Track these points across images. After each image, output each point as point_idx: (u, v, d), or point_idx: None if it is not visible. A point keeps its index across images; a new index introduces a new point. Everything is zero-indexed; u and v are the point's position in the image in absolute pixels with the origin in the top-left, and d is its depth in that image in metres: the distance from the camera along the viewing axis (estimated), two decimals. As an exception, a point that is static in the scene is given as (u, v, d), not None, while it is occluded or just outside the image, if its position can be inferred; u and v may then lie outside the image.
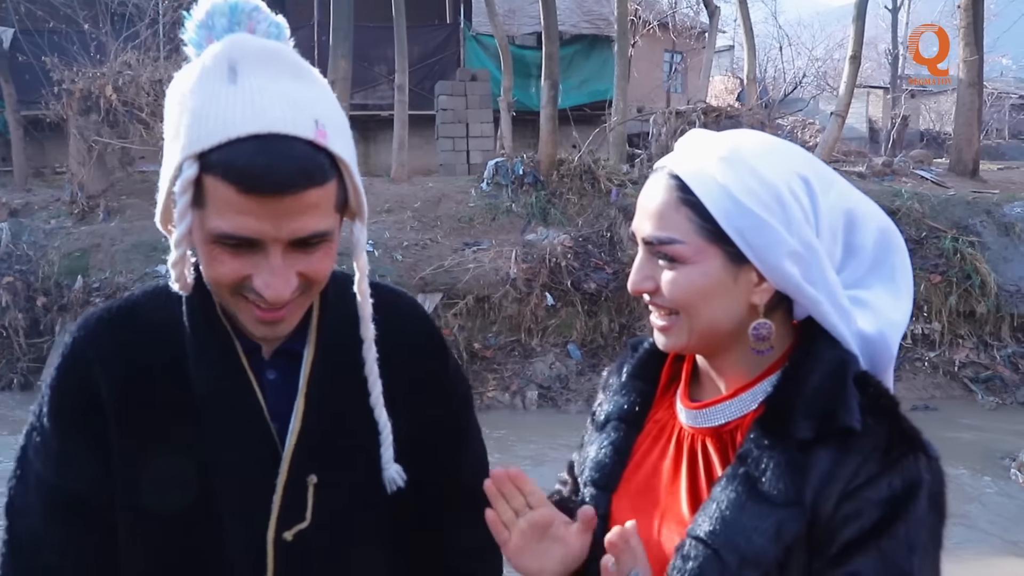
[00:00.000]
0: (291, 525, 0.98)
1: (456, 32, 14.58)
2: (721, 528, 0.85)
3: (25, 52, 10.97)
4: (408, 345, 1.10)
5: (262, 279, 0.86)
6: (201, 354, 0.97)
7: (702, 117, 8.85)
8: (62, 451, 0.98)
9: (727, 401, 0.94)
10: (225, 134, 0.81)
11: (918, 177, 10.18)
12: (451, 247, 8.47)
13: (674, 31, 17.45)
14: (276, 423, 0.99)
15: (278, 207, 0.82)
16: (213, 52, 0.86)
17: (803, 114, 18.92)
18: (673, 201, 0.89)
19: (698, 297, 0.90)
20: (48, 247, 8.47)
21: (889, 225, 0.96)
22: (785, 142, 0.95)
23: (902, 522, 0.82)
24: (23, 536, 1.00)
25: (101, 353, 0.98)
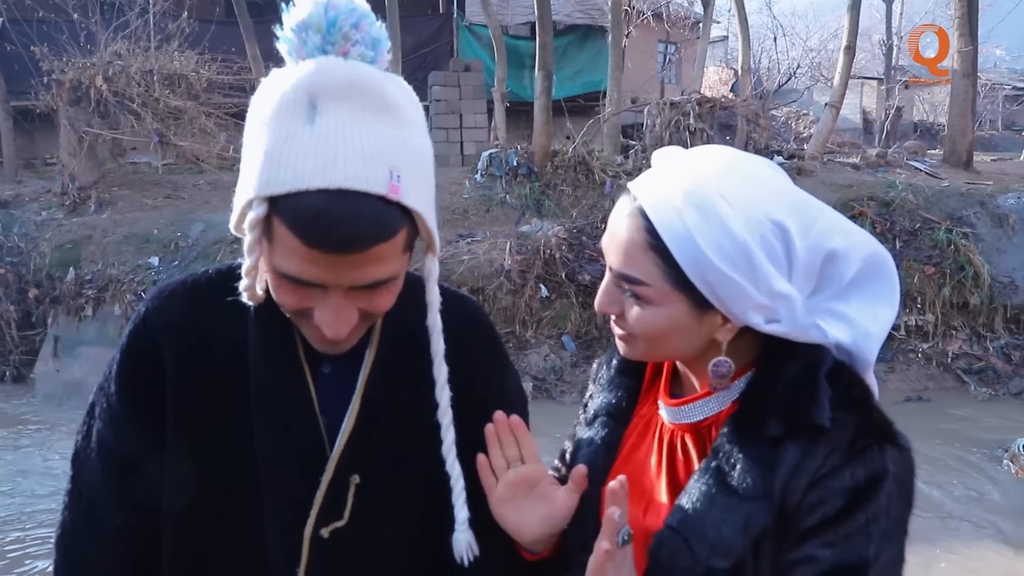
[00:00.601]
0: (329, 522, 0.98)
1: (449, 22, 14.50)
2: (691, 518, 0.89)
3: (14, 42, 10.85)
4: (473, 355, 1.07)
5: (322, 316, 0.86)
6: (261, 341, 0.98)
7: (696, 108, 8.82)
8: (123, 417, 1.02)
9: (704, 399, 0.96)
10: (295, 184, 0.79)
11: (912, 168, 10.19)
12: (445, 239, 8.44)
13: (668, 21, 17.41)
14: (325, 417, 0.99)
15: (342, 261, 0.81)
16: (296, 79, 0.83)
17: (797, 105, 18.96)
18: (641, 242, 0.89)
19: (661, 334, 0.92)
20: (39, 239, 8.41)
21: (875, 254, 0.94)
22: (765, 174, 0.91)
23: (862, 511, 0.84)
24: (83, 488, 1.06)
25: (170, 326, 1.00)
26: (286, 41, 0.86)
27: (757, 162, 0.92)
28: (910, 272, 7.84)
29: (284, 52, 0.86)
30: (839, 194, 8.53)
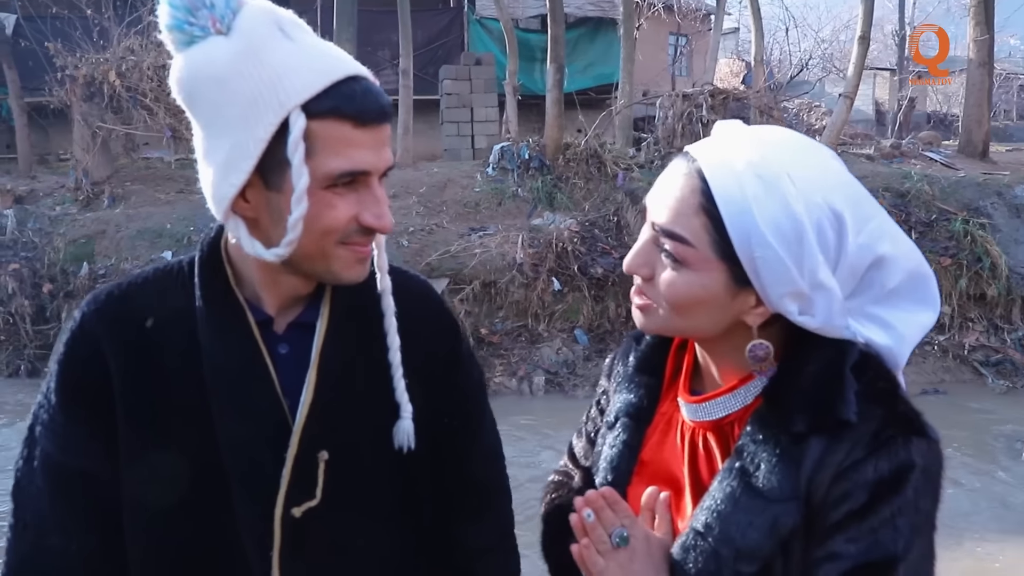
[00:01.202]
0: (300, 502, 0.97)
1: (460, 16, 14.47)
2: (716, 522, 0.85)
3: (28, 38, 10.91)
4: (424, 326, 1.09)
5: (372, 212, 0.92)
6: (213, 326, 0.97)
7: (709, 100, 8.77)
8: (68, 426, 0.98)
9: (725, 395, 0.93)
10: (330, 77, 0.87)
11: (927, 159, 10.10)
12: (457, 232, 8.43)
13: (679, 14, 17.29)
14: (288, 399, 0.99)
15: (380, 137, 0.91)
16: (247, 24, 0.87)
17: (809, 97, 18.80)
18: (694, 204, 0.85)
19: (690, 304, 0.88)
20: (53, 234, 8.45)
21: (919, 272, 0.91)
22: (830, 160, 0.88)
23: (887, 505, 0.81)
24: (28, 518, 0.99)
25: (110, 327, 0.98)
26: (192, 27, 0.88)
27: (823, 149, 0.90)
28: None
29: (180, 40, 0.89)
30: (854, 185, 8.46)
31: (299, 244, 0.91)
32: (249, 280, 1.00)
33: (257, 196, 0.91)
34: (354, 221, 0.92)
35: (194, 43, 0.88)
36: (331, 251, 0.93)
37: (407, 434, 1.02)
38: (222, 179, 0.90)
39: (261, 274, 0.99)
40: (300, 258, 0.93)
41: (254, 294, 1.00)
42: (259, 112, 0.86)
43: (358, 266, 0.96)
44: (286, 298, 1.01)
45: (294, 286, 1.00)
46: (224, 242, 1.01)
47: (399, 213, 8.74)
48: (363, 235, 0.94)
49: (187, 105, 0.91)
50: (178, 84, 0.90)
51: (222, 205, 0.91)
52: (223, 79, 0.86)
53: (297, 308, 1.02)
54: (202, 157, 0.93)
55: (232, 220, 0.93)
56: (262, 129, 0.86)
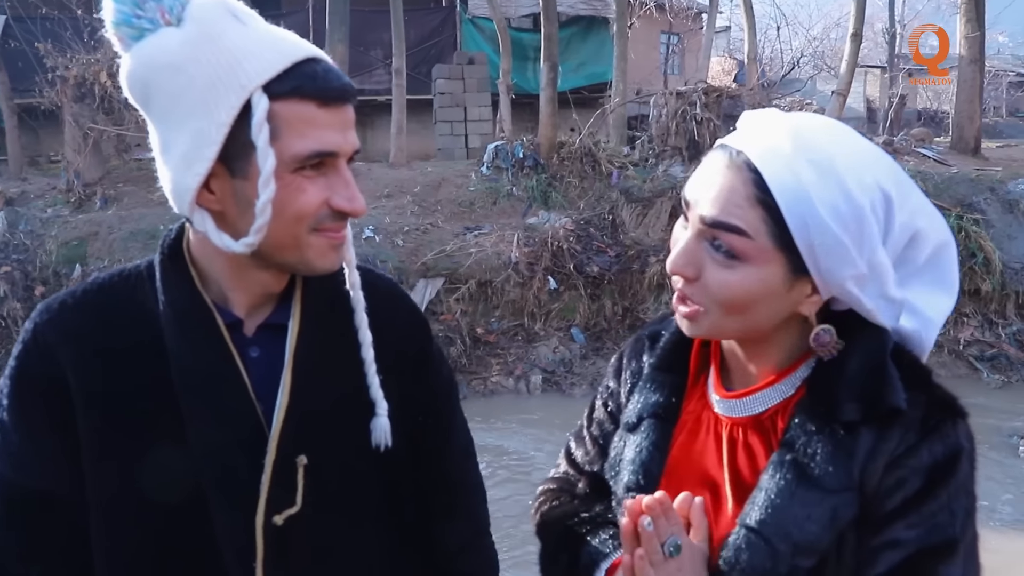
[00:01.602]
0: (281, 509, 0.94)
1: (452, 15, 14.45)
2: (771, 516, 0.83)
3: (18, 39, 10.83)
4: (394, 323, 1.07)
5: (342, 195, 0.90)
6: (180, 330, 0.93)
7: (703, 97, 8.77)
8: (24, 445, 0.92)
9: (766, 389, 0.91)
10: (289, 58, 0.85)
11: (920, 155, 10.13)
12: (452, 232, 8.41)
13: (671, 12, 17.32)
14: (261, 404, 0.95)
15: (345, 117, 0.89)
16: (199, 12, 0.86)
17: (801, 94, 18.85)
18: (748, 195, 0.83)
19: (747, 301, 0.85)
20: (45, 236, 8.39)
21: (945, 242, 0.92)
22: (867, 143, 0.88)
23: (944, 488, 0.81)
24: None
25: (66, 337, 0.93)
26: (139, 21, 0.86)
27: (854, 131, 0.90)
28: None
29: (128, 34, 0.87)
30: (848, 182, 8.49)
31: (271, 233, 0.88)
32: (216, 281, 0.96)
33: (223, 186, 0.88)
34: (325, 206, 0.89)
35: (144, 37, 0.86)
36: (304, 238, 0.90)
37: (384, 431, 0.99)
38: (185, 170, 0.87)
39: (229, 271, 0.95)
40: (272, 248, 0.90)
41: (221, 295, 0.96)
42: (219, 96, 0.84)
43: (332, 253, 0.93)
44: (256, 297, 0.97)
45: (264, 283, 0.96)
46: (186, 243, 0.98)
47: (394, 212, 8.71)
48: (335, 220, 0.91)
49: (141, 100, 0.89)
50: (130, 79, 0.88)
51: (186, 198, 0.88)
52: (179, 66, 0.84)
53: (266, 309, 0.99)
54: (160, 153, 0.90)
55: (198, 214, 0.89)
56: (224, 113, 0.84)
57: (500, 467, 5.57)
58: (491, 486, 4.69)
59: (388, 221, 8.46)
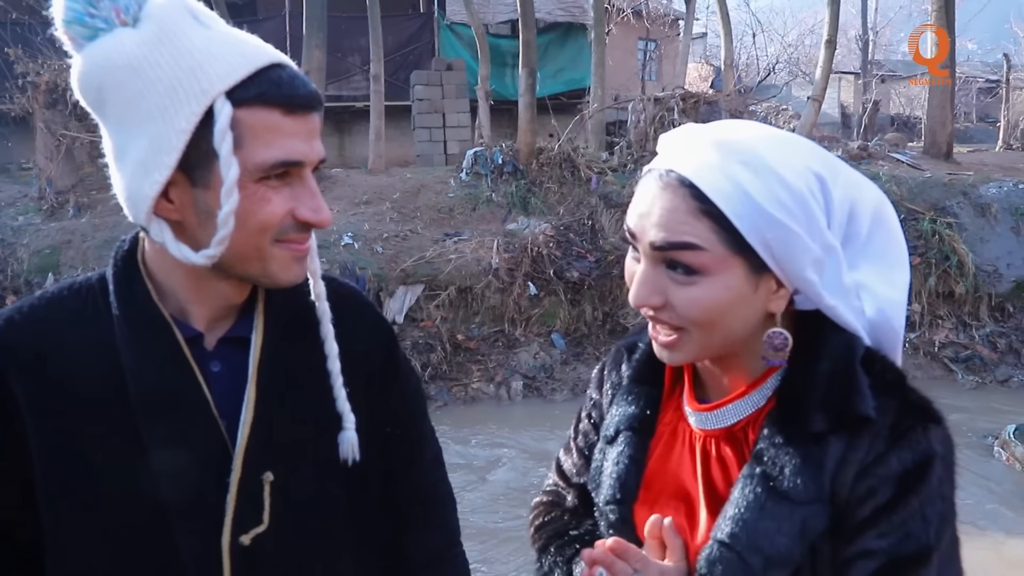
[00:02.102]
0: (248, 529, 0.91)
1: (430, 21, 14.44)
2: (742, 530, 0.83)
3: (-13, 45, 10.67)
4: (361, 334, 1.04)
5: (308, 205, 0.87)
6: (137, 345, 0.89)
7: (680, 103, 8.83)
8: None
9: (737, 401, 0.91)
10: (251, 65, 0.82)
11: (894, 160, 10.27)
12: (431, 238, 8.38)
13: (647, 19, 17.44)
14: (224, 420, 0.91)
15: (309, 125, 0.86)
16: (159, 13, 0.82)
17: (776, 100, 19.05)
18: (691, 209, 0.82)
19: (718, 313, 0.84)
20: (17, 244, 8.25)
21: (881, 203, 0.93)
22: (790, 134, 0.89)
23: (915, 496, 0.80)
24: None
25: (14, 357, 0.88)
26: (94, 21, 0.82)
27: (769, 126, 0.91)
28: (896, 263, 7.90)
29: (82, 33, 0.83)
30: (824, 187, 8.57)
31: (233, 244, 0.84)
32: (173, 293, 0.92)
33: (182, 195, 0.84)
34: (290, 216, 0.86)
35: (97, 37, 0.82)
36: (267, 250, 0.87)
37: (351, 445, 0.97)
38: (142, 178, 0.83)
39: (188, 284, 0.91)
40: (234, 260, 0.87)
41: (179, 309, 0.93)
42: (179, 101, 0.80)
43: (296, 266, 0.90)
44: (216, 310, 0.94)
45: (225, 295, 0.93)
46: (141, 254, 0.94)
47: (373, 219, 8.66)
48: (299, 231, 0.88)
49: (94, 104, 0.85)
50: (82, 81, 0.83)
51: (143, 207, 0.84)
52: (136, 69, 0.80)
53: (227, 322, 0.95)
54: (114, 159, 0.86)
55: (155, 223, 0.85)
56: (184, 119, 0.80)
57: (479, 471, 5.55)
58: (470, 491, 4.64)
59: (367, 228, 8.42)
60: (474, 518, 4.66)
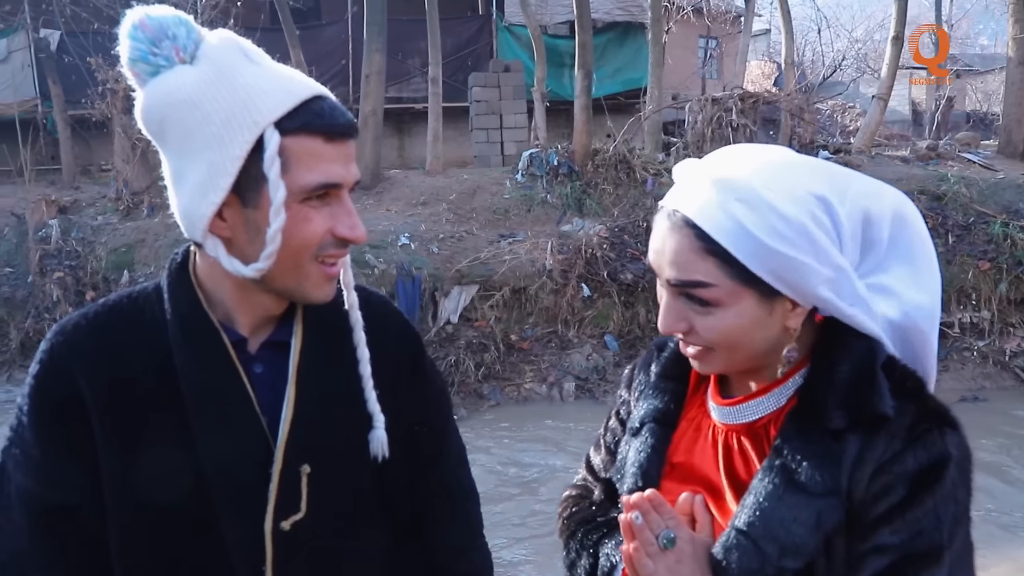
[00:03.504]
0: (288, 515, 0.99)
1: (488, 23, 14.54)
2: (759, 520, 0.86)
3: (71, 54, 11.24)
4: (389, 340, 1.12)
5: (345, 223, 0.96)
6: (188, 348, 0.98)
7: (739, 103, 8.71)
8: (46, 461, 0.97)
9: (759, 398, 0.95)
10: (296, 98, 0.91)
11: (965, 160, 9.90)
12: (487, 239, 8.48)
13: (708, 16, 17.19)
14: (266, 417, 1.00)
15: (348, 151, 0.95)
16: (214, 52, 0.91)
17: (843, 98, 18.55)
18: (696, 249, 0.88)
19: (738, 336, 0.91)
20: (95, 243, 8.69)
21: (902, 205, 0.95)
22: (791, 156, 0.92)
23: (930, 495, 0.83)
24: (5, 559, 0.98)
25: (81, 357, 0.98)
26: (155, 58, 0.92)
27: (774, 148, 0.94)
28: (964, 267, 7.63)
29: (145, 70, 0.92)
30: (888, 188, 8.33)
31: (278, 259, 0.93)
32: (221, 302, 1.01)
33: (234, 214, 0.93)
34: (329, 233, 0.95)
35: (159, 74, 0.91)
36: (306, 267, 0.96)
37: (381, 443, 1.05)
38: (200, 199, 0.92)
39: (234, 294, 1.00)
40: (276, 274, 0.95)
41: (226, 316, 1.01)
42: (233, 132, 0.89)
43: (326, 285, 0.99)
44: (258, 319, 1.02)
45: (265, 306, 1.02)
46: (192, 266, 1.03)
47: (430, 220, 8.81)
48: (338, 247, 0.97)
49: (156, 134, 0.94)
50: (146, 114, 0.93)
51: (199, 225, 0.93)
52: (195, 103, 0.89)
53: (268, 328, 1.04)
54: (172, 182, 0.96)
55: (210, 240, 0.94)
56: (238, 147, 0.89)
57: (530, 470, 5.61)
58: (519, 491, 4.69)
59: (424, 228, 8.57)
60: (528, 518, 4.73)
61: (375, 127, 10.17)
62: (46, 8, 11.90)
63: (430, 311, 7.90)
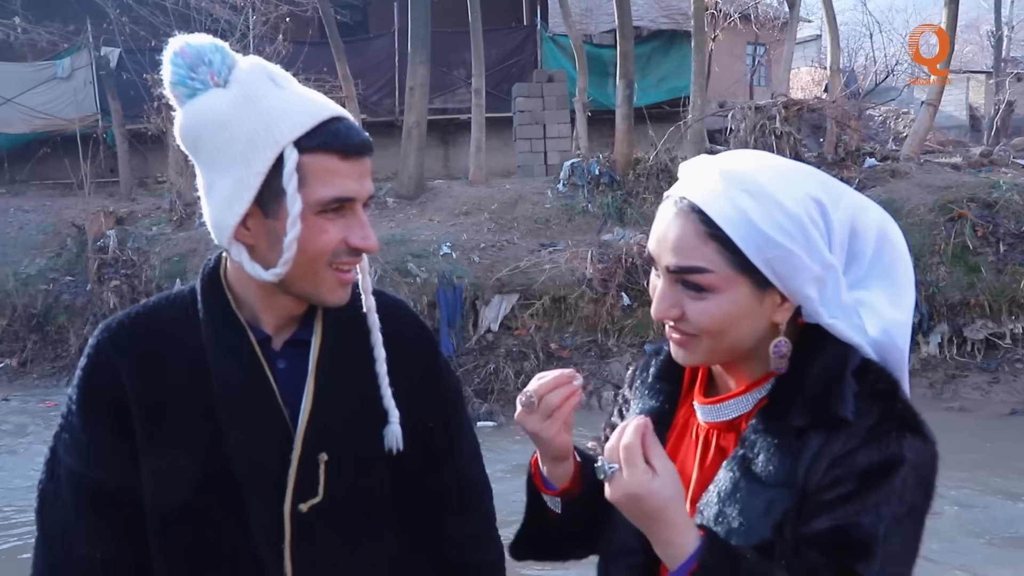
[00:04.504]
0: (305, 499, 1.08)
1: (533, 33, 14.63)
2: (717, 503, 0.94)
3: (129, 70, 11.68)
4: (405, 342, 1.20)
5: (358, 234, 1.04)
6: (219, 345, 1.08)
7: (783, 111, 8.61)
8: (92, 444, 1.08)
9: (738, 397, 1.00)
10: (316, 117, 1.00)
11: (1020, 167, 9.60)
12: (527, 248, 8.54)
13: (756, 23, 17.01)
14: (288, 409, 1.09)
15: (362, 168, 1.03)
16: (243, 76, 1.01)
17: (896, 103, 18.13)
18: (699, 234, 0.93)
19: (726, 324, 0.95)
20: (150, 252, 9.03)
21: (886, 224, 1.00)
22: (793, 163, 0.98)
23: (873, 492, 0.87)
24: (56, 532, 1.09)
25: (123, 353, 1.09)
26: (194, 82, 1.01)
27: (778, 157, 1.00)
28: (1016, 277, 7.40)
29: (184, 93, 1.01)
30: (936, 196, 8.15)
31: (295, 265, 1.01)
32: (248, 303, 1.10)
33: (256, 224, 1.02)
34: (343, 243, 1.03)
35: (196, 95, 1.00)
36: (321, 272, 1.04)
37: (395, 437, 1.13)
38: (226, 210, 1.01)
39: (259, 296, 1.09)
40: (294, 278, 1.03)
41: (253, 316, 1.10)
42: (257, 150, 0.98)
43: (340, 290, 1.07)
44: (281, 319, 1.11)
45: (287, 307, 1.10)
46: (223, 271, 1.12)
47: (471, 229, 8.92)
48: (351, 255, 1.05)
49: (191, 149, 1.03)
50: (182, 131, 1.02)
51: (226, 233, 1.03)
52: (224, 123, 0.99)
53: (291, 327, 1.13)
54: (204, 193, 1.05)
55: (235, 247, 1.03)
56: (260, 164, 0.98)
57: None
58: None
59: (465, 238, 8.67)
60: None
61: (418, 138, 10.34)
62: (107, 27, 12.42)
63: (471, 319, 8.00)
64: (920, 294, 7.58)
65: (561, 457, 1.04)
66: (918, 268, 7.74)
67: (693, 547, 0.87)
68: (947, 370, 7.46)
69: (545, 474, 1.07)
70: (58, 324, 8.86)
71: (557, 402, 0.98)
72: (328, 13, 10.83)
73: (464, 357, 7.74)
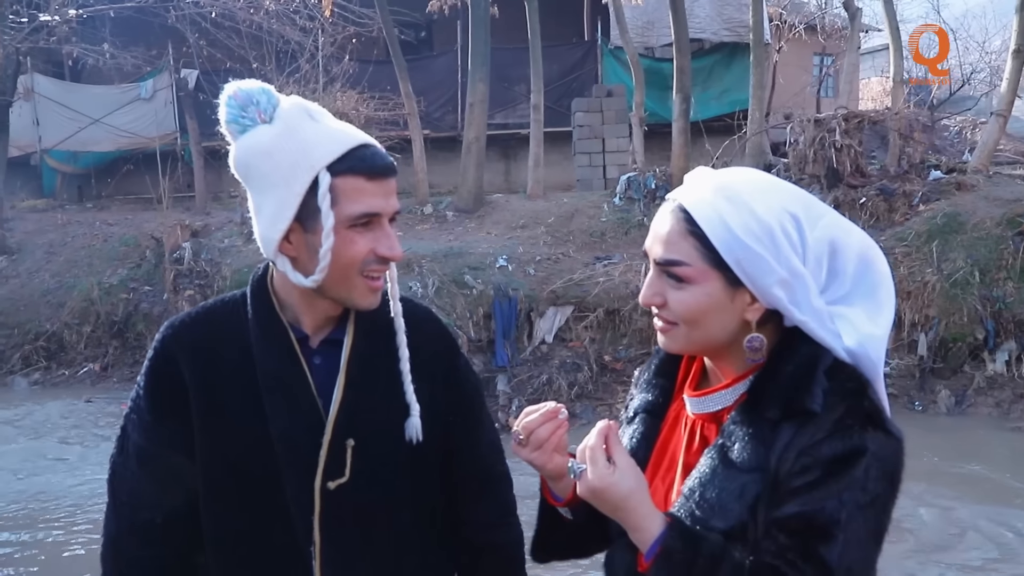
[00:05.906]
0: (334, 478, 1.24)
1: (594, 48, 14.72)
2: (698, 486, 1.05)
3: (206, 91, 12.28)
4: (428, 344, 1.35)
5: (385, 245, 1.20)
6: (264, 342, 1.25)
7: (843, 124, 8.48)
8: (156, 425, 1.27)
9: (722, 391, 1.11)
10: (346, 145, 1.17)
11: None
12: (582, 261, 8.63)
13: (823, 33, 16.70)
14: (322, 399, 1.25)
15: (387, 187, 1.19)
16: (285, 113, 1.18)
17: (973, 113, 17.49)
18: (681, 230, 1.06)
19: (700, 314, 1.07)
20: (222, 263, 9.46)
21: (869, 250, 1.10)
22: (780, 181, 1.10)
23: (836, 481, 0.96)
24: (123, 497, 1.29)
25: (183, 347, 1.27)
26: (244, 120, 1.17)
27: (771, 176, 1.12)
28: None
29: (236, 130, 1.18)
30: (1004, 209, 7.88)
31: (330, 272, 1.17)
32: (290, 306, 1.27)
33: (297, 238, 1.19)
34: (371, 253, 1.19)
35: (246, 131, 1.18)
36: (353, 279, 1.19)
37: (415, 428, 1.28)
38: (271, 226, 1.18)
39: (300, 300, 1.25)
40: (330, 284, 1.19)
41: (294, 318, 1.27)
42: (296, 175, 1.15)
43: (371, 295, 1.23)
44: (318, 320, 1.27)
45: (326, 310, 1.26)
46: (269, 278, 1.29)
47: (528, 242, 9.06)
48: (379, 264, 1.20)
49: (243, 176, 1.21)
50: (236, 162, 1.20)
51: (271, 246, 1.20)
52: (269, 152, 1.16)
53: (328, 328, 1.29)
54: (254, 214, 1.22)
55: (280, 258, 1.20)
56: (299, 186, 1.15)
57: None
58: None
59: (521, 251, 8.81)
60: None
61: (477, 153, 10.55)
62: (186, 51, 13.10)
63: (525, 331, 8.12)
64: (986, 310, 7.36)
65: (559, 477, 1.15)
66: (983, 283, 7.50)
67: (658, 532, 1.00)
68: (1015, 389, 7.19)
69: (551, 488, 1.19)
70: (137, 331, 9.35)
71: (546, 436, 1.11)
72: (391, 33, 11.18)
73: (518, 368, 7.86)
